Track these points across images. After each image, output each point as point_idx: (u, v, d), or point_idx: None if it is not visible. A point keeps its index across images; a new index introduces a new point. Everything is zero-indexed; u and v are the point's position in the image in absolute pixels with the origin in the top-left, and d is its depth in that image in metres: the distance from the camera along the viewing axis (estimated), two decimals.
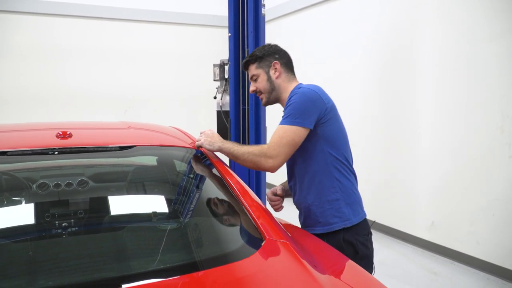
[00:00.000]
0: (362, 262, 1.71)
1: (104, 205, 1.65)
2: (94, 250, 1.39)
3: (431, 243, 3.82)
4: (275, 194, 2.02)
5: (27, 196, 1.57)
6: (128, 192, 1.80)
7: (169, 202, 1.73)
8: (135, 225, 1.58)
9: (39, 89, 5.78)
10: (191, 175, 1.88)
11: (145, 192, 1.81)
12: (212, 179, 1.77)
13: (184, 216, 1.60)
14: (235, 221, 1.57)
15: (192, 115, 6.65)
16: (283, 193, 2.02)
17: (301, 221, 1.89)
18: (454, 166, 3.57)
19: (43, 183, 1.55)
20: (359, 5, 4.57)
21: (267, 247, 1.28)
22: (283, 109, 1.80)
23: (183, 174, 1.91)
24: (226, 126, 3.32)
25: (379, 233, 4.30)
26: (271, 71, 1.86)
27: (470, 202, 3.45)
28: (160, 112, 6.47)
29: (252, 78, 1.91)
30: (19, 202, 1.56)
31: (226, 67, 3.34)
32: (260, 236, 1.33)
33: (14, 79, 5.64)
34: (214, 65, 3.46)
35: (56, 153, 1.63)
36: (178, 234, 1.54)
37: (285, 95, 1.84)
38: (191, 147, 1.93)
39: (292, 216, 1.99)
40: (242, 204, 1.51)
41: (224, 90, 3.40)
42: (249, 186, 2.65)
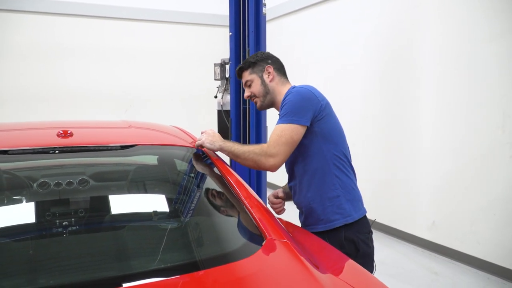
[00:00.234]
0: (363, 260, 1.72)
1: (105, 204, 1.65)
2: (95, 249, 1.39)
3: (432, 243, 3.82)
4: (277, 197, 2.02)
5: (28, 195, 1.57)
6: (129, 191, 1.80)
7: (170, 201, 1.73)
8: (136, 224, 1.58)
9: (39, 89, 5.77)
10: (192, 175, 1.88)
11: (146, 191, 1.81)
12: (213, 179, 1.77)
13: (185, 215, 1.60)
14: (236, 221, 1.57)
15: (193, 115, 6.64)
16: (285, 196, 2.02)
17: (302, 220, 1.90)
18: (455, 166, 3.57)
19: (44, 182, 1.55)
20: (360, 5, 4.57)
21: (268, 247, 1.28)
22: (279, 113, 1.81)
23: (184, 174, 1.92)
24: (227, 126, 3.32)
25: (380, 233, 4.30)
26: (265, 75, 1.89)
27: (471, 202, 3.45)
28: (161, 111, 6.46)
29: (246, 84, 1.94)
30: (20, 201, 1.56)
31: (227, 66, 3.34)
32: (261, 236, 1.33)
33: (14, 78, 5.63)
34: (215, 64, 3.46)
35: (57, 152, 1.63)
36: (179, 233, 1.54)
37: (279, 98, 1.86)
38: (192, 147, 1.93)
39: (292, 216, 1.99)
40: (243, 204, 1.51)
41: (225, 90, 3.40)
42: (250, 186, 2.65)
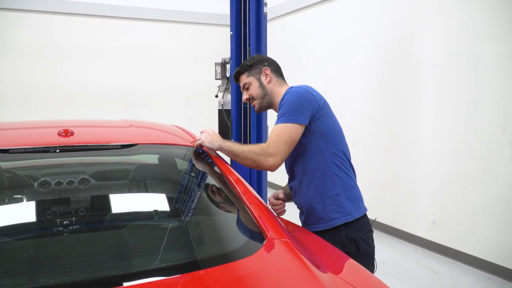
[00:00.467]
0: (364, 260, 1.72)
1: (106, 203, 1.65)
2: (96, 248, 1.39)
3: (432, 242, 3.82)
4: (277, 198, 2.02)
5: (29, 194, 1.57)
6: (130, 190, 1.80)
7: (171, 201, 1.73)
8: (137, 223, 1.58)
9: (40, 88, 5.77)
10: (193, 174, 1.88)
11: (147, 191, 1.81)
12: (214, 178, 1.77)
13: (186, 215, 1.60)
14: (237, 220, 1.57)
15: (193, 114, 6.64)
16: (285, 197, 2.02)
17: (302, 220, 1.90)
18: (455, 166, 3.57)
19: (45, 181, 1.55)
20: (360, 5, 4.57)
21: (269, 246, 1.28)
22: (277, 114, 1.81)
23: (185, 173, 1.92)
24: (228, 125, 3.31)
25: (380, 232, 4.30)
26: (262, 77, 1.90)
27: (471, 202, 3.45)
28: (161, 110, 6.46)
29: (244, 87, 1.94)
30: (21, 200, 1.56)
31: (228, 66, 3.34)
32: (262, 235, 1.33)
33: (14, 77, 5.63)
34: (216, 64, 3.46)
35: (58, 151, 1.63)
36: (180, 233, 1.54)
37: (277, 99, 1.86)
38: (193, 146, 1.93)
39: (293, 215, 1.99)
40: (244, 203, 1.51)
41: (226, 89, 3.39)
42: (251, 185, 2.65)
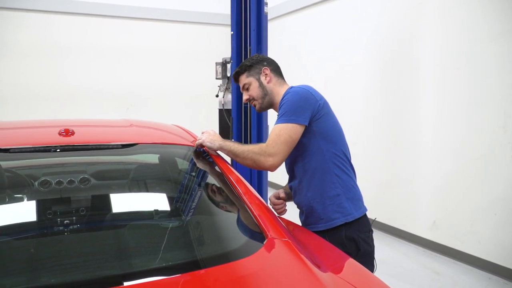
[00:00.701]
0: (364, 259, 1.72)
1: (106, 203, 1.65)
2: (96, 248, 1.39)
3: (433, 242, 3.82)
4: (278, 198, 2.02)
5: (29, 194, 1.57)
6: (130, 190, 1.80)
7: (171, 200, 1.73)
8: (137, 223, 1.58)
9: (40, 87, 5.77)
10: (193, 173, 1.88)
11: (147, 190, 1.81)
12: (214, 177, 1.77)
13: (186, 214, 1.60)
14: (237, 219, 1.57)
15: (194, 114, 6.64)
16: (286, 196, 2.02)
17: (302, 220, 1.90)
18: (456, 166, 3.57)
19: (45, 181, 1.55)
20: (360, 5, 4.57)
21: (269, 246, 1.28)
22: (277, 114, 1.80)
23: (185, 172, 1.92)
24: (228, 125, 3.31)
25: (380, 232, 4.29)
26: (262, 77, 1.89)
27: (472, 202, 3.45)
28: (162, 110, 6.46)
29: (244, 87, 1.94)
30: (21, 200, 1.56)
31: (229, 65, 3.34)
32: (262, 235, 1.33)
33: (15, 77, 5.63)
34: (216, 63, 3.46)
35: (58, 151, 1.63)
36: (180, 232, 1.54)
37: (278, 99, 1.86)
38: (194, 146, 1.93)
39: (293, 215, 1.99)
40: (244, 203, 1.51)
41: (226, 89, 3.39)
42: (251, 185, 2.65)
